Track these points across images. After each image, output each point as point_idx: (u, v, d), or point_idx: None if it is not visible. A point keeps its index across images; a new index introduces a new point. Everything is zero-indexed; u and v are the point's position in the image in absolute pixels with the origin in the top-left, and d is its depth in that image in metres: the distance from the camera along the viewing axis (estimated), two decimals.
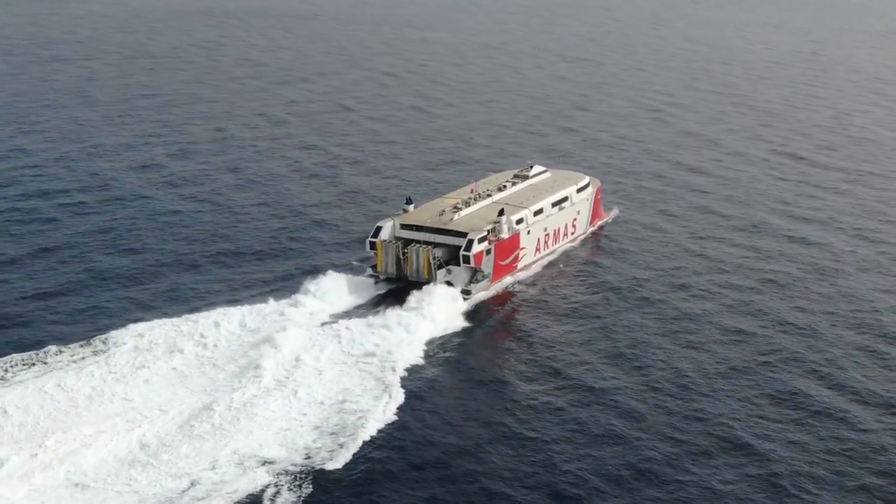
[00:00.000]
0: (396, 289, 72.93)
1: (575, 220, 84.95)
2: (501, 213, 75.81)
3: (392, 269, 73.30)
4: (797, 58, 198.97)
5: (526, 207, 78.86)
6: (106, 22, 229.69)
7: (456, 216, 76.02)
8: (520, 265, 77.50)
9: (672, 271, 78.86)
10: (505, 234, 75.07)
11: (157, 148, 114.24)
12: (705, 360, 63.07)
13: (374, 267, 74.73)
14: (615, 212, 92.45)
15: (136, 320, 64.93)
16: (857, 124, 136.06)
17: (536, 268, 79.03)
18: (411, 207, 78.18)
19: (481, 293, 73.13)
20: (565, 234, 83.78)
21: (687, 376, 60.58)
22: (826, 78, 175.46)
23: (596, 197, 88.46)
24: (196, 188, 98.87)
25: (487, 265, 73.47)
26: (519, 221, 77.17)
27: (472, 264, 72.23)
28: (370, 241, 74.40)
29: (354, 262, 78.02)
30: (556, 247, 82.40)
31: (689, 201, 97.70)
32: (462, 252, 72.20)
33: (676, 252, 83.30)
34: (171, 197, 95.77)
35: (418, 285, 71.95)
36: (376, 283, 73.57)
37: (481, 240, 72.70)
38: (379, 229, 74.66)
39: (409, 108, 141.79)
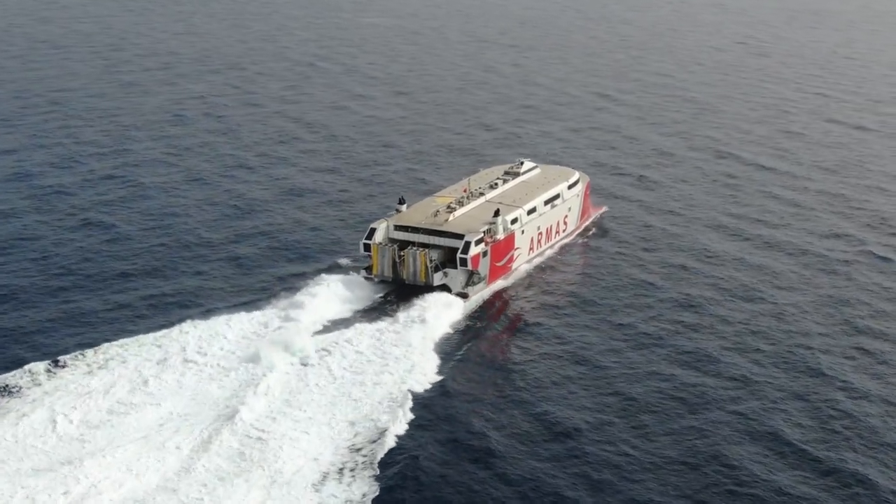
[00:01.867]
0: (393, 292, 71.87)
1: (566, 217, 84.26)
2: (497, 213, 74.84)
3: (388, 272, 72.08)
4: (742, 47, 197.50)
5: (520, 206, 77.95)
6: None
7: (451, 217, 74.91)
8: (514, 265, 76.71)
9: (667, 266, 78.71)
10: (501, 235, 74.16)
11: (108, 154, 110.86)
12: (708, 352, 63.57)
13: (368, 269, 73.48)
14: (604, 208, 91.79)
15: (124, 333, 63.03)
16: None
17: (530, 267, 78.28)
18: (404, 207, 76.94)
19: (478, 295, 72.29)
20: (557, 232, 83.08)
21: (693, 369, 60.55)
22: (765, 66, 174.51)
23: (585, 193, 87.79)
24: (168, 195, 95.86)
25: (484, 267, 72.57)
26: (514, 221, 76.28)
27: (470, 267, 71.26)
28: (364, 244, 73.14)
29: (343, 264, 76.60)
30: (548, 245, 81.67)
31: (674, 193, 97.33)
32: (459, 255, 71.18)
33: (669, 246, 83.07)
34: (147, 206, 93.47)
35: (414, 288, 71.06)
36: (372, 284, 72.39)
37: (478, 242, 71.74)
38: (373, 231, 73.35)
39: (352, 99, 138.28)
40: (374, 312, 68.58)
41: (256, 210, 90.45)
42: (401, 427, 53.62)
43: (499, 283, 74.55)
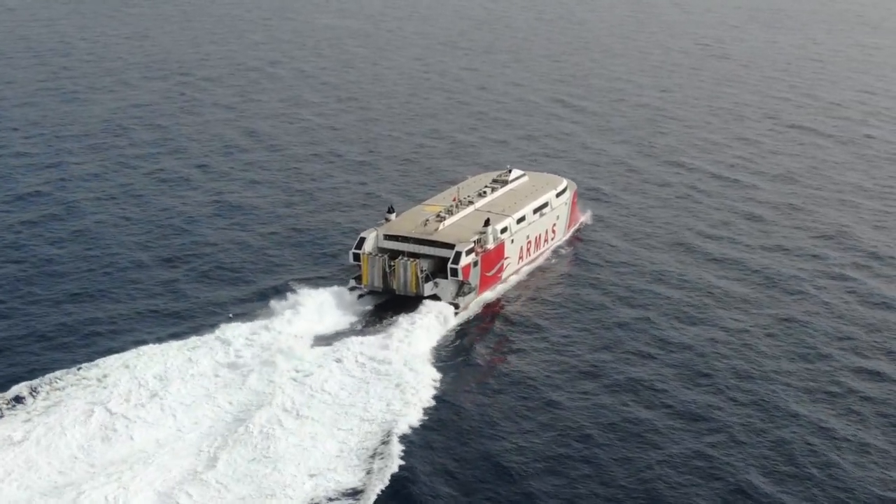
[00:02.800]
0: (383, 303, 71.10)
1: (555, 225, 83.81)
2: (487, 223, 74.24)
3: (378, 283, 71.24)
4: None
5: (509, 215, 77.40)
6: None
7: (440, 226, 74.21)
8: (504, 275, 76.16)
9: (656, 272, 78.58)
10: (491, 245, 73.58)
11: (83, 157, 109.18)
12: (702, 355, 63.50)
13: (357, 279, 72.61)
14: (588, 214, 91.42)
15: (107, 352, 61.41)
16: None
17: (519, 276, 77.77)
18: (393, 216, 76.16)
19: (469, 306, 71.67)
20: (546, 241, 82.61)
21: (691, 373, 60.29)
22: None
23: (573, 201, 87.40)
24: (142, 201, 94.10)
25: (475, 277, 71.96)
26: (503, 230, 75.73)
27: (461, 277, 70.63)
28: (354, 254, 72.28)
29: (326, 275, 75.75)
30: (537, 254, 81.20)
31: (655, 197, 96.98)
32: (450, 265, 70.52)
33: (655, 252, 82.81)
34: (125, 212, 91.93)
35: (405, 298, 70.34)
36: (360, 297, 71.56)
37: (468, 252, 71.12)
38: (362, 240, 72.50)
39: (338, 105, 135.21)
40: (365, 324, 67.82)
41: (196, 226, 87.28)
42: (397, 447, 52.77)
43: (489, 294, 73.99)
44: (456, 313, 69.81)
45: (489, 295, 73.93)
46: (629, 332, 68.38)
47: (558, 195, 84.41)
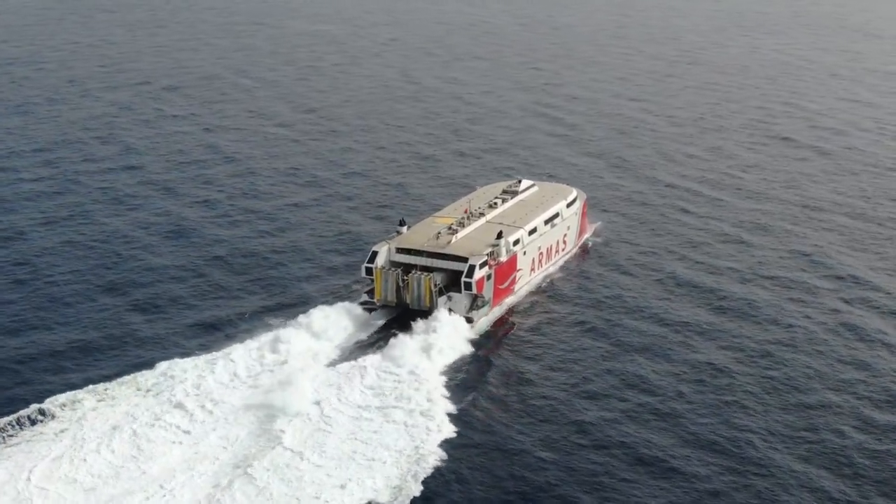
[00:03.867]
0: (397, 318, 70.34)
1: (565, 236, 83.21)
2: (500, 235, 73.58)
3: (392, 297, 70.50)
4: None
5: (521, 227, 76.74)
6: None
7: (453, 239, 73.54)
8: (516, 287, 75.52)
9: (667, 282, 78.03)
10: (504, 258, 72.95)
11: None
12: (712, 369, 62.95)
13: (368, 292, 71.90)
14: (598, 224, 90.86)
15: (100, 378, 60.14)
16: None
17: (531, 289, 77.12)
18: (405, 229, 75.47)
19: (483, 319, 71.00)
20: (557, 252, 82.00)
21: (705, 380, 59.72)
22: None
23: (583, 210, 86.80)
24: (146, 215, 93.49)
25: (488, 291, 71.29)
26: (516, 243, 75.08)
27: (475, 291, 69.94)
28: (366, 268, 71.55)
29: (340, 288, 75.29)
30: (549, 265, 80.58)
31: (665, 208, 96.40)
32: (464, 279, 69.81)
33: (666, 263, 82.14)
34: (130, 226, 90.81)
35: (419, 313, 69.63)
36: (371, 311, 70.81)
37: (482, 265, 70.45)
38: (374, 254, 71.77)
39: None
40: (379, 341, 66.95)
41: (197, 241, 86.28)
42: (422, 474, 51.90)
43: (502, 307, 73.31)
44: (470, 327, 69.10)
45: (503, 308, 73.27)
46: (644, 349, 67.71)
47: (569, 205, 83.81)
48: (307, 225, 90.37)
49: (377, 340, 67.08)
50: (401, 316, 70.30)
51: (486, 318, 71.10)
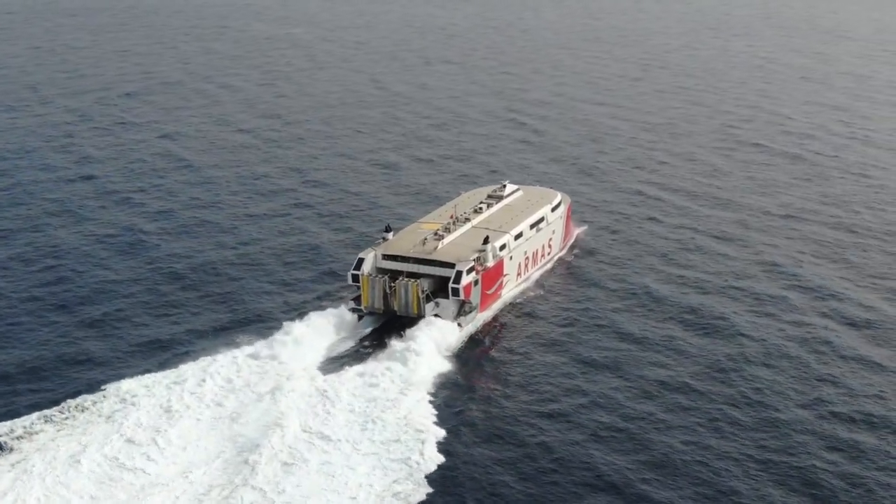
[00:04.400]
0: (384, 325, 70.06)
1: (551, 240, 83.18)
2: (486, 240, 73.48)
3: (379, 304, 70.19)
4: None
5: (507, 232, 76.68)
6: None
7: (439, 244, 73.35)
8: (503, 292, 75.42)
9: (641, 296, 77.16)
10: (490, 263, 72.83)
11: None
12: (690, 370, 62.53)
13: (355, 299, 71.60)
14: (584, 227, 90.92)
15: (87, 388, 59.47)
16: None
17: (518, 293, 76.96)
18: (390, 235, 75.20)
19: (470, 325, 70.83)
20: (542, 256, 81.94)
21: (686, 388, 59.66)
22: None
23: (567, 214, 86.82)
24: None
25: (476, 296, 71.15)
26: (502, 248, 75.00)
27: (462, 297, 69.80)
28: (353, 274, 71.24)
29: (302, 304, 74.39)
30: (535, 269, 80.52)
31: (636, 217, 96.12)
32: (451, 285, 69.65)
33: (638, 275, 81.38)
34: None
35: (406, 319, 69.37)
36: (360, 318, 70.56)
37: (469, 270, 70.32)
38: (361, 261, 71.46)
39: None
40: (366, 349, 66.69)
41: (230, 240, 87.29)
42: (415, 477, 51.92)
43: (489, 312, 73.19)
44: (458, 333, 68.85)
45: (489, 313, 73.15)
46: (631, 351, 67.77)
47: (553, 209, 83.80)
48: (266, 238, 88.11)
49: (363, 349, 66.81)
50: (389, 322, 70.03)
51: (473, 325, 70.94)
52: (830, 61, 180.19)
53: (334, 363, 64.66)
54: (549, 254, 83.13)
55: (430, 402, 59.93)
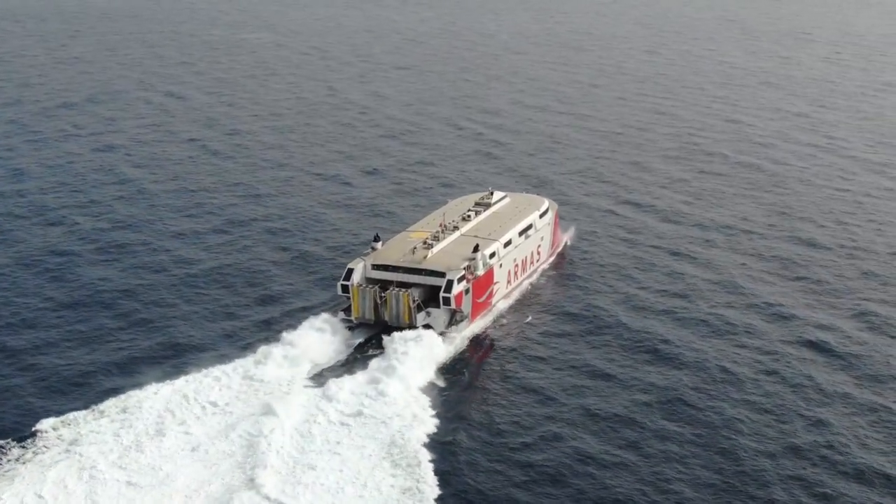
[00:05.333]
0: (374, 335, 69.28)
1: (539, 247, 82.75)
2: (476, 248, 72.92)
3: (370, 315, 69.43)
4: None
5: (497, 240, 76.12)
6: None
7: (429, 253, 72.71)
8: (493, 301, 74.88)
9: (643, 292, 77.53)
10: (481, 271, 72.25)
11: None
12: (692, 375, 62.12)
13: (346, 310, 70.81)
14: (571, 232, 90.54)
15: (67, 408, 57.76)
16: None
17: (508, 302, 76.45)
18: (379, 245, 74.47)
19: (462, 335, 70.18)
20: (531, 263, 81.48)
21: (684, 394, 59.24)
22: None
23: (555, 221, 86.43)
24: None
25: (467, 305, 70.53)
26: (492, 255, 74.45)
27: (454, 306, 69.16)
28: (342, 285, 70.46)
29: (307, 306, 73.99)
30: (523, 277, 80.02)
31: (633, 215, 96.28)
32: (442, 294, 69.01)
33: (643, 271, 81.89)
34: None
35: (397, 329, 68.57)
36: (350, 329, 69.73)
37: (460, 279, 69.71)
38: (350, 271, 70.67)
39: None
40: (357, 360, 65.84)
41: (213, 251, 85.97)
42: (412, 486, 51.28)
43: (480, 321, 72.59)
44: (449, 344, 68.18)
45: (480, 322, 72.55)
46: (620, 358, 67.45)
47: (541, 216, 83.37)
48: (200, 259, 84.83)
49: (354, 360, 65.95)
50: (379, 332, 69.20)
51: (464, 334, 70.31)
52: (792, 66, 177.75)
53: (325, 375, 63.60)
54: (537, 261, 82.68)
55: (424, 414, 59.00)
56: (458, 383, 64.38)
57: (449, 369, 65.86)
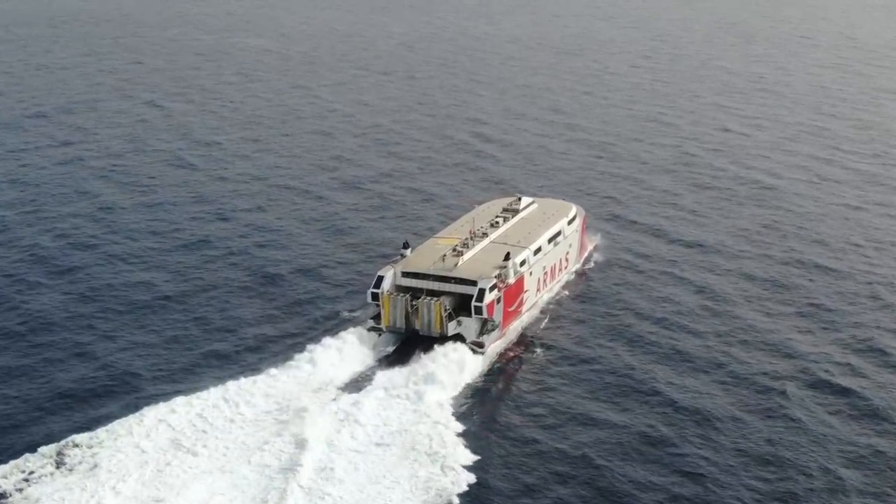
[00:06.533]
0: (405, 344, 68.25)
1: (567, 254, 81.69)
2: (507, 256, 71.81)
3: (401, 323, 68.31)
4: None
5: (526, 247, 75.01)
6: None
7: (459, 261, 71.61)
8: (524, 309, 73.83)
9: (670, 300, 76.64)
10: (512, 279, 71.16)
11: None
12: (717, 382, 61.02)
13: (375, 318, 69.77)
14: (597, 239, 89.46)
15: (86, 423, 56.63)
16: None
17: (537, 311, 75.36)
18: (408, 252, 73.39)
19: (494, 344, 69.13)
20: (560, 270, 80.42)
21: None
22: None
23: (583, 227, 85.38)
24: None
25: (498, 314, 69.42)
26: (522, 263, 73.36)
27: (485, 315, 68.05)
28: (373, 293, 69.35)
29: (346, 315, 73.03)
30: (552, 284, 78.97)
31: (660, 217, 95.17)
32: (474, 303, 67.83)
33: (668, 278, 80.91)
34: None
35: (428, 338, 67.59)
36: (379, 335, 68.71)
37: (492, 288, 68.62)
38: (381, 279, 69.64)
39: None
40: (388, 369, 64.74)
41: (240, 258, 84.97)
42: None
43: (511, 329, 71.50)
44: (480, 353, 67.11)
45: (512, 329, 71.48)
46: (653, 370, 66.44)
47: (570, 222, 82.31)
48: (185, 273, 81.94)
49: (385, 369, 64.73)
50: (410, 341, 68.22)
51: (496, 344, 69.26)
52: (787, 71, 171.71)
53: (355, 384, 62.82)
54: (566, 268, 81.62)
55: (454, 425, 58.10)
56: (488, 396, 63.36)
57: (480, 380, 64.90)
